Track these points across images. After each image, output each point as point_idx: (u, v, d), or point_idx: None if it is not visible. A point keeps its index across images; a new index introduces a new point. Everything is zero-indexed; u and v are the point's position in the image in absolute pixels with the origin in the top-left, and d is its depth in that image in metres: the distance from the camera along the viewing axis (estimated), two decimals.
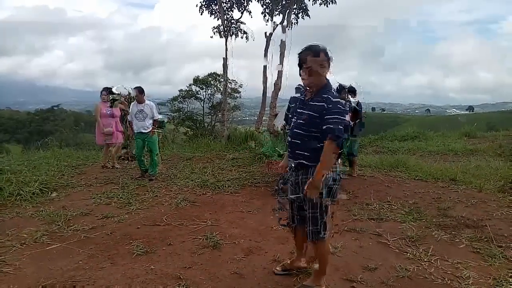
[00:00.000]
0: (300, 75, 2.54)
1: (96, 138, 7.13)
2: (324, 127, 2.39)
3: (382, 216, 4.32)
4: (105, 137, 6.93)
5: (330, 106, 2.40)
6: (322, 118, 2.41)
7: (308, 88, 2.56)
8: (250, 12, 12.85)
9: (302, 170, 2.57)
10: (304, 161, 2.53)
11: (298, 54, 2.53)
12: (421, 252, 3.35)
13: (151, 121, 6.24)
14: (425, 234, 3.79)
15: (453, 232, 3.84)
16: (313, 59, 2.43)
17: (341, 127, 2.39)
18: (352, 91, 6.12)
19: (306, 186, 2.44)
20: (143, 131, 6.21)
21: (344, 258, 3.26)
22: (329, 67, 2.48)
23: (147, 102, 6.26)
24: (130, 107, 6.25)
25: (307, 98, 2.56)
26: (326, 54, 2.45)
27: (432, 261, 3.19)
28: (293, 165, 2.63)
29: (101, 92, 7.12)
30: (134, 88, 6.36)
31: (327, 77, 2.52)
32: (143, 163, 6.34)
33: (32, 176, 5.41)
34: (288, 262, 3.02)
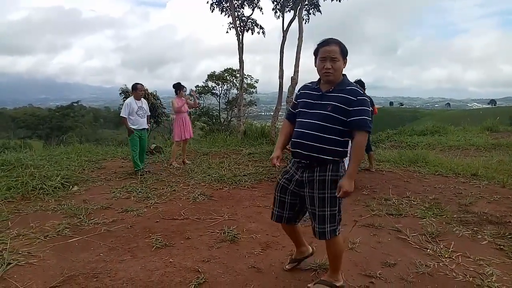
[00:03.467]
0: (319, 67, 2.41)
1: (175, 135, 7.14)
2: (354, 118, 2.30)
3: (401, 212, 4.26)
4: (184, 132, 7.02)
5: (359, 98, 2.32)
6: (348, 110, 2.31)
7: (326, 82, 2.43)
8: (261, 9, 12.79)
9: (318, 167, 2.41)
10: (323, 156, 2.37)
11: (321, 45, 2.40)
12: (442, 248, 3.29)
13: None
14: (446, 230, 3.72)
15: (475, 228, 3.75)
16: (339, 50, 2.36)
17: (371, 119, 2.36)
18: (361, 85, 6.02)
19: (340, 186, 2.31)
20: (145, 127, 6.47)
21: (363, 253, 3.22)
22: (347, 60, 2.44)
23: (142, 99, 6.47)
24: (129, 104, 6.25)
25: (325, 90, 2.43)
26: (345, 46, 2.41)
27: (453, 257, 3.12)
28: (303, 161, 2.44)
29: (180, 88, 7.08)
30: (137, 84, 6.39)
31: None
32: (141, 161, 6.41)
33: (54, 171, 5.56)
34: (292, 256, 2.99)
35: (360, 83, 6.01)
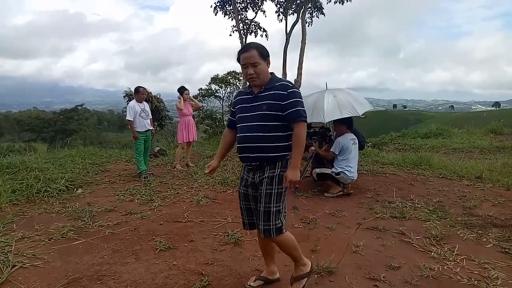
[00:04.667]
0: (243, 73, 2.47)
1: (178, 137, 7.19)
2: (289, 111, 2.35)
3: (405, 214, 4.24)
4: (188, 135, 7.05)
5: (289, 91, 2.37)
6: (282, 105, 2.35)
7: (253, 86, 2.48)
8: (264, 12, 12.85)
9: (268, 166, 2.41)
10: (270, 154, 2.39)
11: (241, 52, 2.44)
12: (446, 252, 3.27)
13: None
14: (450, 233, 3.69)
15: (479, 231, 3.73)
16: (258, 54, 2.39)
17: (305, 109, 2.40)
18: None
19: (286, 176, 2.33)
20: (149, 128, 6.51)
21: (367, 256, 3.21)
22: (269, 61, 2.48)
23: (144, 101, 6.53)
24: (132, 107, 6.29)
25: (257, 92, 2.46)
26: (265, 48, 2.47)
27: (458, 260, 3.10)
28: (253, 164, 2.45)
29: (183, 91, 7.15)
30: (139, 87, 6.46)
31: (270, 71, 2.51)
32: (145, 162, 6.44)
33: (58, 174, 5.59)
34: (261, 274, 2.82)
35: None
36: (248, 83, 2.53)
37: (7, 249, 3.25)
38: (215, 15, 12.73)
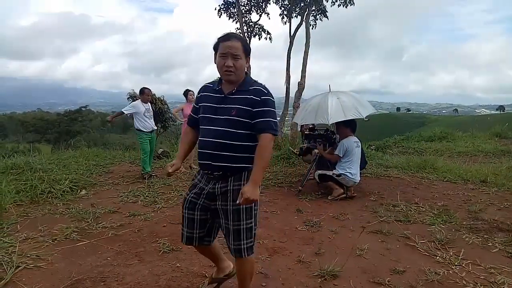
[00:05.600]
0: (219, 64, 2.11)
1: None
2: (257, 121, 2.08)
3: (409, 218, 4.22)
4: None
5: (263, 98, 2.10)
6: (253, 112, 2.09)
7: (227, 81, 2.17)
8: (268, 14, 12.88)
9: (232, 177, 2.15)
10: (236, 164, 2.12)
11: (222, 39, 2.11)
12: (451, 256, 3.24)
13: None
14: (455, 237, 3.67)
15: (485, 236, 3.70)
16: (242, 47, 2.11)
17: (276, 121, 2.14)
18: None
19: (243, 192, 1.99)
20: (154, 128, 6.60)
21: (371, 260, 3.19)
22: (249, 59, 2.22)
23: (148, 102, 6.61)
24: (136, 106, 6.37)
25: (227, 92, 2.16)
26: (248, 44, 2.23)
27: (463, 265, 3.08)
28: (215, 173, 2.14)
29: (187, 93, 7.20)
30: (145, 88, 6.52)
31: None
32: (149, 163, 6.45)
33: (62, 175, 5.59)
34: (212, 275, 2.66)
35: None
36: (220, 79, 2.22)
37: (11, 249, 3.25)
38: (219, 17, 12.78)
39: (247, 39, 12.18)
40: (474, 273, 2.95)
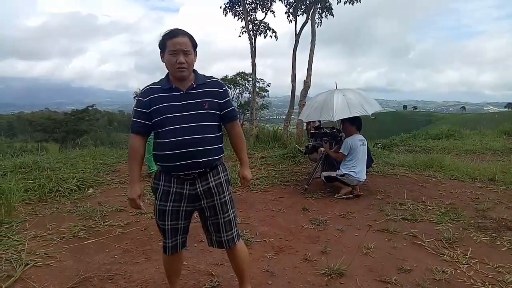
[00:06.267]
0: (170, 61, 2.07)
1: None
2: (227, 110, 2.20)
3: (416, 217, 4.19)
4: None
5: (224, 88, 2.22)
6: (220, 103, 2.17)
7: (178, 78, 2.12)
8: (273, 12, 12.86)
9: (211, 172, 2.16)
10: (213, 158, 2.14)
11: (169, 36, 2.07)
12: (459, 255, 3.22)
13: None
14: (463, 235, 3.64)
15: (493, 234, 3.66)
16: (191, 43, 2.11)
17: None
18: None
19: (244, 176, 2.38)
20: None
21: (378, 259, 3.18)
22: (197, 53, 2.19)
23: None
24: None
25: (187, 88, 2.12)
26: (195, 40, 2.18)
27: (471, 264, 3.06)
28: (195, 172, 2.11)
29: None
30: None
31: None
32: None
33: (69, 173, 5.64)
34: None
35: None
36: (167, 77, 2.17)
37: (20, 247, 3.29)
38: (225, 16, 12.80)
39: (252, 37, 12.16)
40: (482, 272, 2.92)
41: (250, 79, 17.55)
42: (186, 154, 2.06)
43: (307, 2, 11.92)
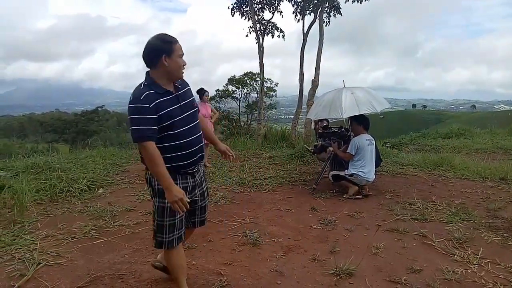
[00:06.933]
0: (178, 64, 2.20)
1: None
2: (197, 105, 2.43)
3: (426, 216, 4.16)
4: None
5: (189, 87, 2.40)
6: (193, 98, 2.41)
7: (175, 79, 2.26)
8: (281, 12, 12.82)
9: (200, 162, 2.42)
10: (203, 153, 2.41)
11: (175, 41, 2.20)
12: (470, 255, 3.19)
13: None
14: (474, 235, 3.60)
15: (505, 235, 3.62)
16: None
17: None
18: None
19: (228, 149, 2.69)
20: None
21: (387, 259, 3.17)
22: None
23: None
24: None
25: (175, 90, 2.25)
26: None
27: (482, 264, 3.02)
28: (200, 164, 2.41)
29: (202, 93, 7.13)
30: None
31: None
32: None
33: (80, 174, 5.70)
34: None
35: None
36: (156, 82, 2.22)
37: (32, 247, 3.34)
38: (232, 16, 12.80)
39: (260, 37, 12.16)
40: (493, 272, 2.89)
41: (258, 79, 17.55)
42: (193, 153, 2.28)
43: (315, 1, 11.87)
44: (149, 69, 2.22)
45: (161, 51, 2.14)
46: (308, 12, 12.32)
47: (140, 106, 2.07)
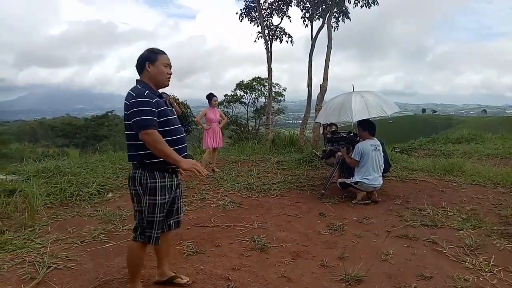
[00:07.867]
0: (163, 72, 2.50)
1: (204, 143, 7.29)
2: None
3: (436, 223, 4.11)
4: (213, 141, 7.12)
5: None
6: None
7: (162, 86, 2.59)
8: (289, 17, 12.85)
9: None
10: None
11: (162, 52, 2.52)
12: (482, 262, 3.14)
13: None
14: (485, 242, 3.54)
15: None
16: None
17: None
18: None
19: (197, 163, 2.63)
20: None
21: (397, 265, 3.13)
22: None
23: None
24: None
25: (162, 96, 2.57)
26: None
27: (495, 271, 2.97)
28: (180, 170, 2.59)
29: (211, 98, 7.21)
30: (163, 93, 6.60)
31: None
32: None
33: (90, 178, 5.77)
34: (156, 277, 2.88)
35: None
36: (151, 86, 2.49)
37: (42, 250, 3.38)
38: (241, 21, 12.88)
39: (268, 42, 12.19)
40: (506, 280, 2.84)
41: (266, 84, 17.58)
42: (181, 150, 2.50)
43: (324, 6, 11.89)
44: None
45: (146, 59, 2.47)
46: (316, 17, 12.34)
47: (145, 100, 2.34)
